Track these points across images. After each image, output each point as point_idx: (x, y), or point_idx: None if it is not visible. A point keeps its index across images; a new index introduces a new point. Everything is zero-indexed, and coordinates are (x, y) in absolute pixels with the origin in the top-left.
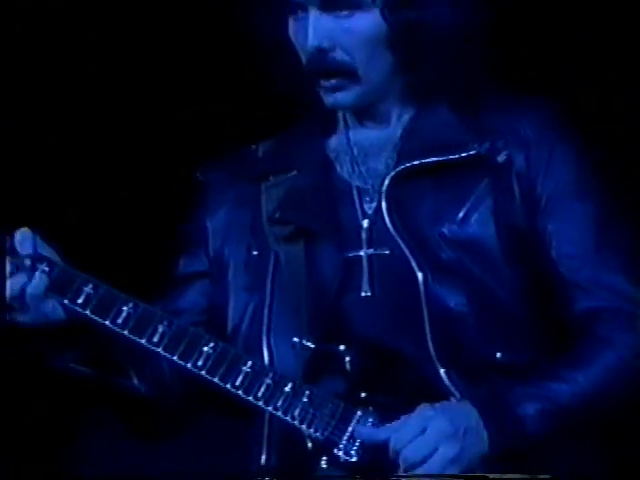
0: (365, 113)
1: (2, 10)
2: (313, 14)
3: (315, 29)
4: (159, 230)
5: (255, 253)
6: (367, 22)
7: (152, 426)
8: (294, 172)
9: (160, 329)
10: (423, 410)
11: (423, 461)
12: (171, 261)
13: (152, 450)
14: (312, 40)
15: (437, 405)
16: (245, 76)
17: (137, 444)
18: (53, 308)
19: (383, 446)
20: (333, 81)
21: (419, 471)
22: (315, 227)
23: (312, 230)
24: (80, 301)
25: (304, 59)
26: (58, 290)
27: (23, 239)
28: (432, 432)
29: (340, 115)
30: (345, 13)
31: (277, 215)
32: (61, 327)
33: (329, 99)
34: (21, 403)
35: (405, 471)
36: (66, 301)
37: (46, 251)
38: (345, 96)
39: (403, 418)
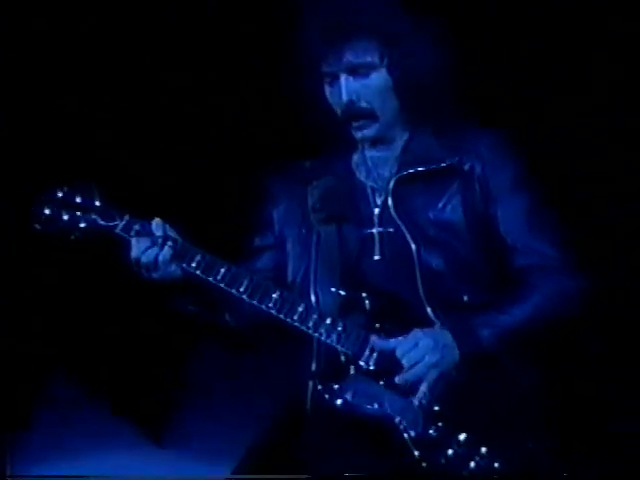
0: (377, 140)
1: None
2: (343, 79)
3: (346, 89)
4: (244, 219)
5: (304, 232)
6: (379, 78)
7: (238, 344)
8: (329, 177)
9: (245, 283)
10: (415, 332)
11: (415, 365)
12: (251, 238)
13: (237, 363)
14: (345, 96)
15: (425, 329)
16: (299, 120)
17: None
18: (175, 270)
19: (390, 356)
20: (361, 122)
21: (412, 371)
22: (343, 214)
23: (341, 216)
24: (193, 265)
25: (339, 110)
26: (179, 258)
27: (157, 225)
28: (421, 346)
29: (359, 142)
30: (364, 74)
31: (318, 206)
32: (180, 282)
33: (358, 135)
34: (149, 334)
35: (405, 370)
36: (184, 265)
37: (172, 233)
38: (369, 132)
39: (403, 336)
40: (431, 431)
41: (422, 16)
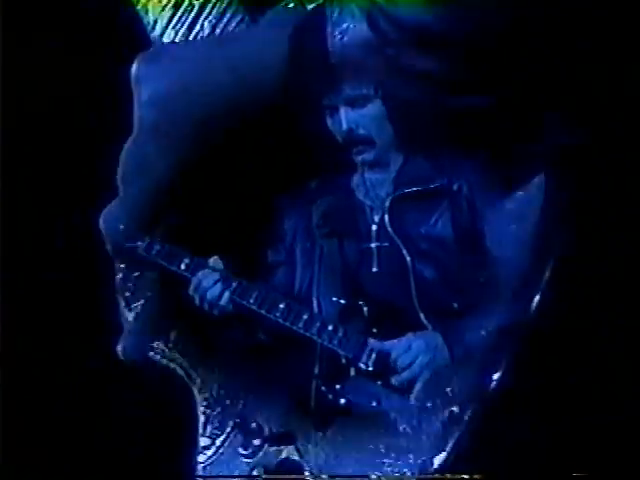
0: (374, 163)
1: None
2: (342, 110)
3: (346, 119)
4: (259, 237)
5: (308, 246)
6: (374, 108)
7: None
8: (331, 197)
9: (254, 295)
10: (409, 336)
11: (409, 366)
12: (264, 253)
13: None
14: (345, 125)
15: (418, 333)
16: (306, 148)
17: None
18: (227, 303)
19: (386, 357)
20: (360, 147)
21: (407, 372)
22: (344, 230)
23: (342, 232)
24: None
25: (340, 137)
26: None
27: (215, 261)
28: (414, 348)
29: (359, 165)
30: (361, 105)
31: (321, 223)
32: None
33: (358, 159)
34: None
35: (400, 371)
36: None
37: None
38: (368, 156)
39: (398, 339)
40: (424, 425)
41: (412, 50)
